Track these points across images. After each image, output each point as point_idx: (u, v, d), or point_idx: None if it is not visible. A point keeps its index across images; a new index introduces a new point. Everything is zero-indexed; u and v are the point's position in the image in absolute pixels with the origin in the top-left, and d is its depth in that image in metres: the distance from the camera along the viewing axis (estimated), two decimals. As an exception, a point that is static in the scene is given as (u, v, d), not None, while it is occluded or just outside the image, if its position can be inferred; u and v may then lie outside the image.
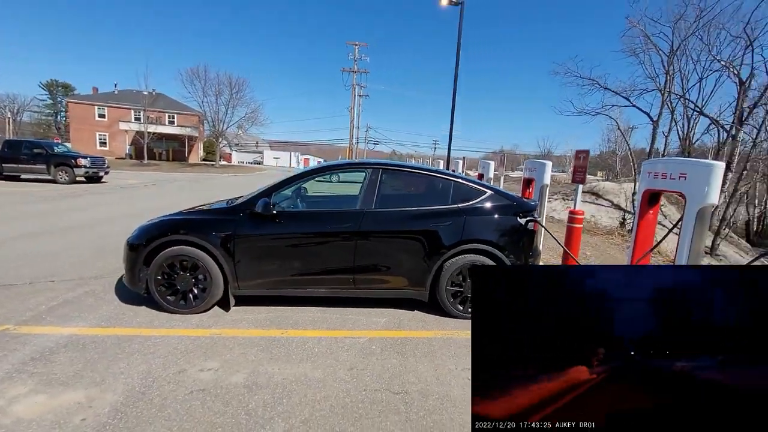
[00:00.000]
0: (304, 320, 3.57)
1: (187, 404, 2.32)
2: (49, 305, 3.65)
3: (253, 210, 3.54)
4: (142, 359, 2.79)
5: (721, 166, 3.02)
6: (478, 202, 3.80)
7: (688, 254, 3.13)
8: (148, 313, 3.57)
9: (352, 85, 38.12)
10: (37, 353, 2.81)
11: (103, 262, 5.09)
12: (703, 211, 3.05)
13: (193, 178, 22.12)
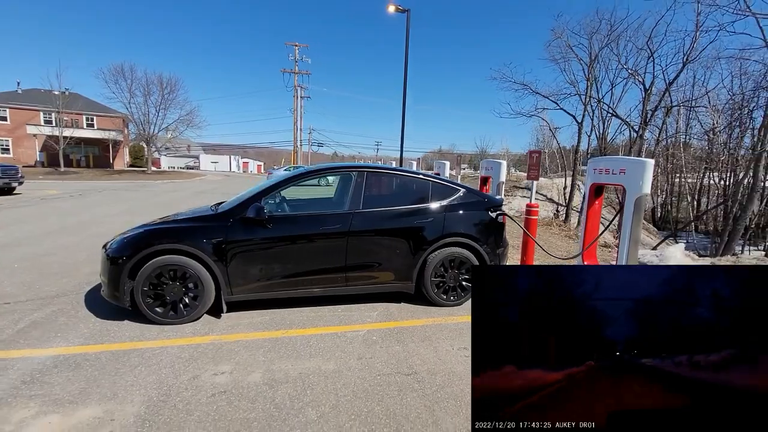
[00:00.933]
0: (300, 320, 3.69)
1: (213, 406, 2.38)
2: (15, 328, 3.38)
3: (244, 215, 3.59)
4: (148, 371, 2.75)
5: (652, 162, 3.69)
6: (454, 200, 4.19)
7: (629, 235, 3.76)
8: (135, 326, 3.46)
9: (294, 87, 37.46)
10: (27, 376, 2.65)
11: (54, 281, 4.71)
12: (639, 199, 3.68)
13: (124, 187, 20.36)
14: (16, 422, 2.20)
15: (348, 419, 2.29)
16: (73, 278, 4.77)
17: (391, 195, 4.15)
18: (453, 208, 4.12)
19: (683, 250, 7.90)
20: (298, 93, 37.62)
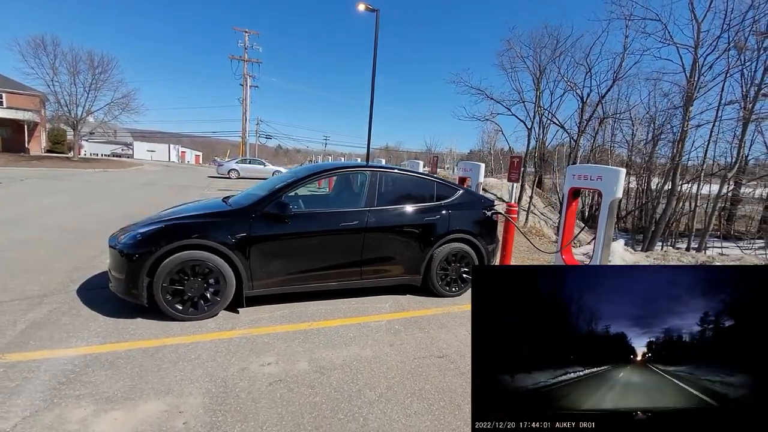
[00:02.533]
0: (319, 312, 3.83)
1: (276, 393, 2.50)
2: (16, 329, 3.14)
3: (268, 211, 3.64)
4: (191, 365, 2.77)
5: (624, 171, 4.36)
6: (456, 199, 4.57)
7: (603, 235, 4.39)
8: (152, 323, 3.37)
9: (243, 75, 35.80)
10: (61, 377, 2.54)
11: (31, 280, 4.34)
12: (613, 203, 4.33)
13: (51, 175, 18.20)
14: (77, 421, 2.16)
15: (406, 397, 2.55)
16: (51, 276, 4.42)
17: (401, 193, 4.41)
18: (456, 207, 4.49)
19: (623, 245, 9.10)
20: (247, 82, 36.02)
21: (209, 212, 3.74)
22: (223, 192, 14.95)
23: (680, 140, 12.21)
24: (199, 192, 14.58)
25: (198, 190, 15.24)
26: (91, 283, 4.31)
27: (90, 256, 5.30)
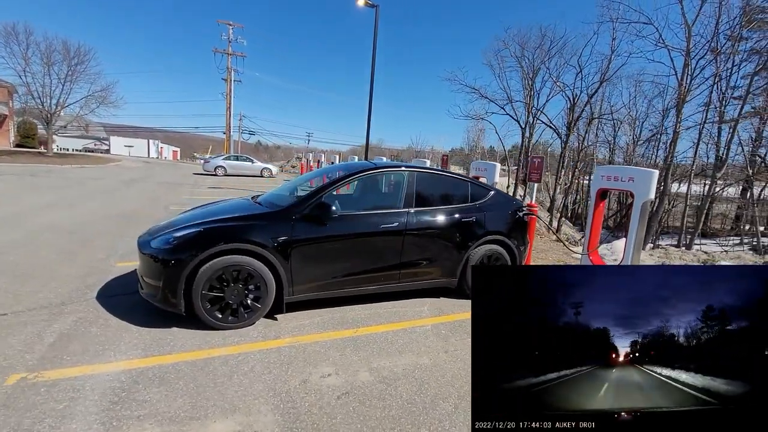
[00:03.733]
0: (360, 318, 3.70)
1: (348, 407, 2.37)
2: (44, 343, 2.89)
3: (309, 212, 3.48)
4: (248, 379, 2.60)
5: (657, 172, 4.39)
6: (489, 199, 4.51)
7: (635, 236, 4.42)
8: (190, 333, 3.17)
9: (227, 69, 34.88)
10: (111, 396, 2.34)
11: (40, 286, 4.04)
12: (645, 204, 4.36)
13: (27, 171, 17.21)
14: (146, 446, 1.98)
15: (482, 407, 2.46)
16: (63, 282, 4.12)
17: (438, 194, 4.31)
18: (490, 208, 4.43)
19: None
20: (231, 76, 35.11)
21: (249, 214, 3.55)
22: (214, 190, 14.53)
23: (673, 141, 12.61)
24: (189, 190, 14.09)
25: (189, 188, 14.73)
26: (110, 289, 4.04)
27: (98, 259, 4.99)
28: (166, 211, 9.13)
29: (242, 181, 18.98)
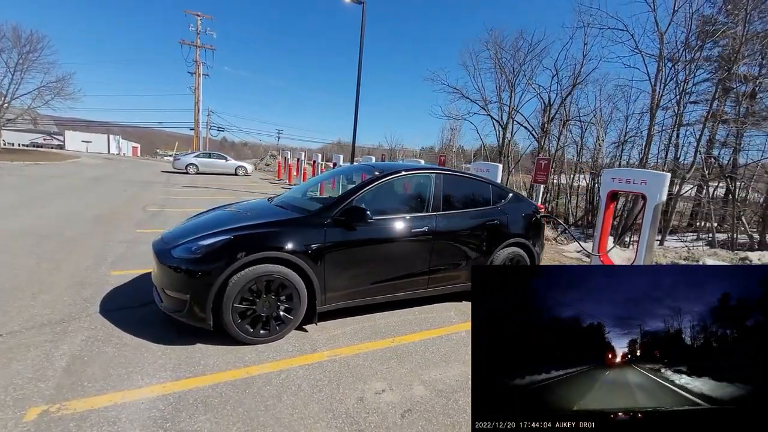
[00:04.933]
0: (391, 326, 3.56)
1: (416, 426, 2.24)
2: (57, 367, 2.55)
3: (340, 217, 3.31)
4: (301, 400, 2.41)
5: (669, 175, 4.54)
6: (509, 202, 4.49)
7: (647, 237, 4.55)
8: (217, 350, 2.92)
9: (195, 62, 33.36)
10: (157, 429, 2.08)
11: (30, 300, 3.63)
12: (657, 207, 4.50)
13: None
14: (213, 485, 1.76)
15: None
16: (54, 295, 3.71)
17: (463, 197, 4.23)
18: (510, 210, 4.40)
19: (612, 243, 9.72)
20: (200, 70, 33.62)
21: (278, 220, 3.31)
22: (190, 189, 13.82)
23: (647, 143, 13.29)
24: (164, 189, 13.31)
25: (162, 187, 13.92)
26: (112, 301, 3.67)
27: (87, 268, 4.55)
28: (144, 212, 8.57)
29: (218, 180, 18.21)
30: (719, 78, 16.17)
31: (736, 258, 7.62)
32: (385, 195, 3.82)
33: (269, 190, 15.33)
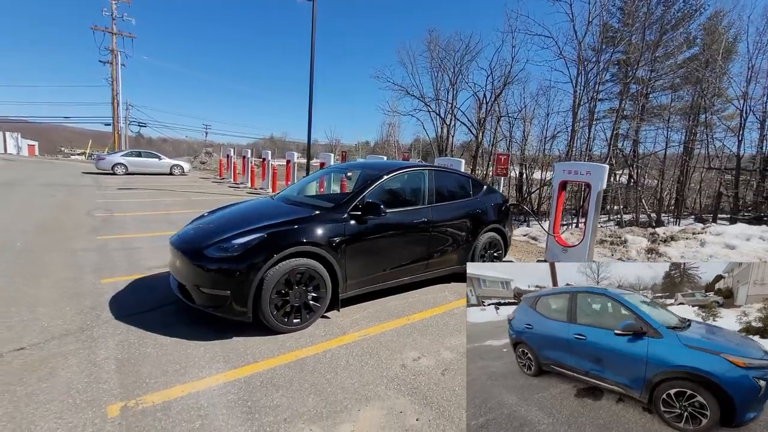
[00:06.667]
0: (400, 307, 3.99)
1: (456, 379, 2.72)
2: (109, 372, 2.60)
3: (357, 212, 3.65)
4: (354, 371, 2.76)
5: (607, 167, 5.52)
6: (484, 192, 5.14)
7: (593, 219, 5.50)
8: (254, 340, 3.13)
9: (111, 51, 30.15)
10: (242, 406, 2.31)
11: (24, 313, 3.47)
12: (599, 193, 5.46)
13: None
14: (317, 441, 2.08)
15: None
16: (53, 308, 3.57)
17: (450, 190, 4.77)
18: (487, 200, 5.06)
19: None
20: (117, 59, 30.48)
21: (302, 216, 3.54)
22: (127, 191, 12.81)
23: (571, 138, 15.16)
24: (98, 192, 12.19)
25: (93, 190, 12.71)
26: (122, 308, 3.62)
27: (69, 278, 4.33)
28: (93, 218, 7.95)
29: (155, 181, 16.94)
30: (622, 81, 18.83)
31: (647, 233, 9.23)
32: (389, 190, 4.22)
33: (218, 191, 14.75)
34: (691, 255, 7.65)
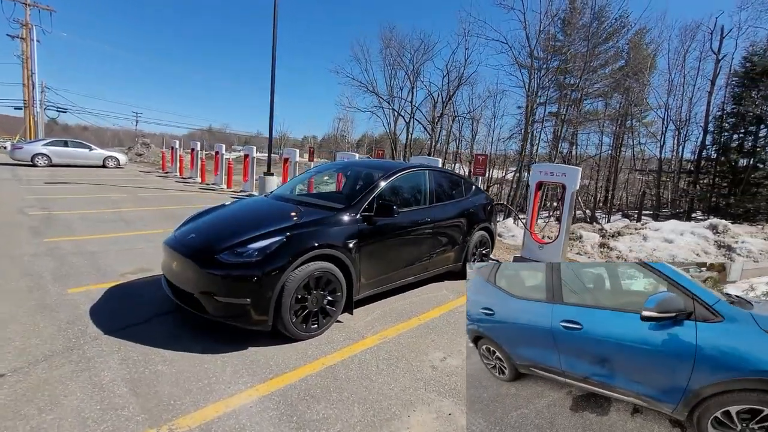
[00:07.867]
0: (406, 308, 4.00)
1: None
2: (121, 395, 2.32)
3: (372, 212, 3.58)
4: (387, 376, 2.73)
5: (580, 168, 5.95)
6: (474, 192, 5.31)
7: (567, 217, 5.92)
8: (272, 350, 2.96)
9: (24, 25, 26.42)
10: (287, 422, 2.18)
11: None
12: (573, 193, 5.88)
13: None
14: None
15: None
16: (22, 325, 3.09)
17: (446, 190, 4.85)
18: (477, 200, 5.23)
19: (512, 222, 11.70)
20: (33, 34, 26.79)
21: (317, 218, 3.38)
22: (57, 186, 11.40)
23: (524, 139, 16.12)
24: (22, 188, 10.68)
25: (15, 185, 11.13)
26: (109, 321, 3.23)
27: (28, 289, 3.78)
28: (28, 217, 6.99)
29: (89, 174, 15.19)
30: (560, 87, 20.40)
31: (596, 229, 10.16)
32: (396, 191, 4.20)
33: (166, 186, 13.62)
34: (638, 248, 8.55)
